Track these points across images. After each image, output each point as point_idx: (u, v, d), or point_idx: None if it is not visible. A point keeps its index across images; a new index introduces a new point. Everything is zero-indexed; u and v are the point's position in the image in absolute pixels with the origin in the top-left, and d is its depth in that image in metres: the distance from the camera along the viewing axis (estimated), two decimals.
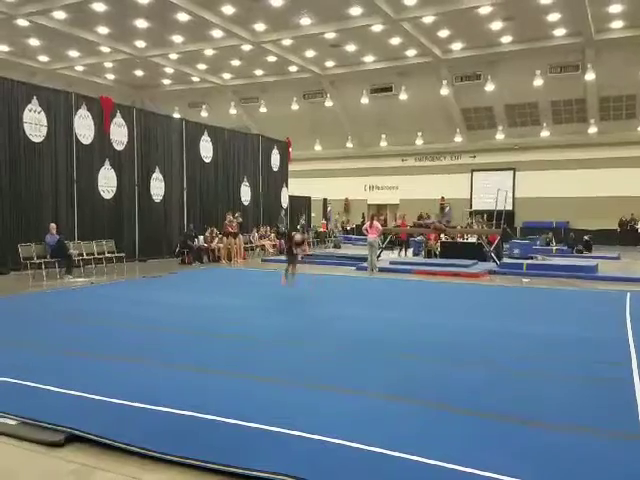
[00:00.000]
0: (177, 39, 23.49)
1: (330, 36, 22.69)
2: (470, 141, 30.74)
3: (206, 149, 19.43)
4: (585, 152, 28.15)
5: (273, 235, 20.71)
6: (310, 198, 28.02)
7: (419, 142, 31.62)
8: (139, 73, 29.08)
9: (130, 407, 4.19)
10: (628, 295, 10.35)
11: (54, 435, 3.73)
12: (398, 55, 25.33)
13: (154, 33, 22.65)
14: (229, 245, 16.96)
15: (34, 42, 23.86)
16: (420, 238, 19.66)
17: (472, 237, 19.59)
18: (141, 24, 21.60)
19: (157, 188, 17.38)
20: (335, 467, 3.28)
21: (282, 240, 19.17)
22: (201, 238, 16.97)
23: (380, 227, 15.41)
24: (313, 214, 28.24)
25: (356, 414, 4.13)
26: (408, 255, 20.21)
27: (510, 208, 27.26)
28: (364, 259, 15.21)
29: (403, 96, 27.78)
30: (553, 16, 20.50)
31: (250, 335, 6.88)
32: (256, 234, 19.87)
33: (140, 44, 24.23)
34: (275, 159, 23.55)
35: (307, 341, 6.66)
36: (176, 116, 24.81)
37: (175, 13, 20.21)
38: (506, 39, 23.14)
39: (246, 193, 21.56)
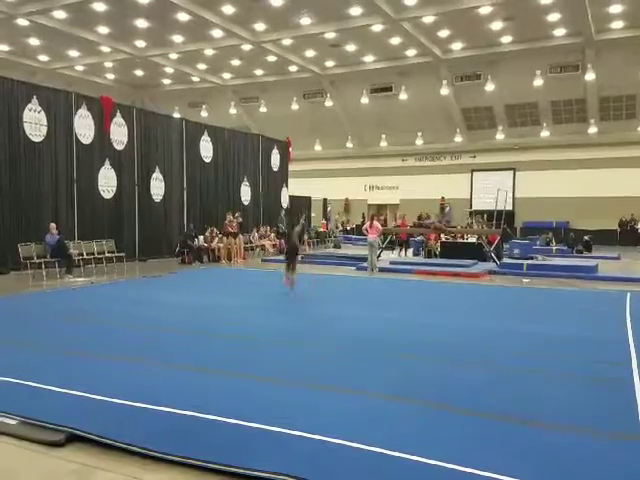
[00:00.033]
0: (177, 39, 23.49)
1: (330, 36, 22.69)
2: (470, 141, 30.72)
3: (206, 149, 19.43)
4: (585, 152, 28.12)
5: (273, 235, 20.70)
6: (310, 198, 27.99)
7: (419, 142, 31.59)
8: (139, 73, 29.07)
9: (131, 407, 4.19)
10: (628, 295, 10.35)
11: (55, 435, 3.73)
12: (398, 55, 25.32)
13: (154, 33, 22.66)
14: (229, 245, 16.96)
15: (34, 42, 23.86)
16: (420, 238, 19.66)
17: (472, 237, 19.58)
18: (141, 24, 21.60)
19: (157, 188, 17.38)
20: (335, 467, 3.29)
21: (282, 240, 19.17)
22: (201, 238, 16.95)
23: (380, 227, 15.42)
24: (313, 214, 28.19)
25: (356, 414, 4.13)
26: (408, 255, 20.21)
27: (510, 208, 27.21)
28: (364, 259, 15.20)
29: (403, 96, 27.76)
30: (553, 16, 20.50)
31: (250, 335, 6.88)
32: (256, 234, 19.85)
33: (140, 44, 24.23)
34: (275, 159, 23.54)
35: (307, 341, 6.66)
36: (176, 116, 24.79)
37: (175, 13, 20.22)
38: (506, 39, 23.13)
39: (246, 193, 21.56)
